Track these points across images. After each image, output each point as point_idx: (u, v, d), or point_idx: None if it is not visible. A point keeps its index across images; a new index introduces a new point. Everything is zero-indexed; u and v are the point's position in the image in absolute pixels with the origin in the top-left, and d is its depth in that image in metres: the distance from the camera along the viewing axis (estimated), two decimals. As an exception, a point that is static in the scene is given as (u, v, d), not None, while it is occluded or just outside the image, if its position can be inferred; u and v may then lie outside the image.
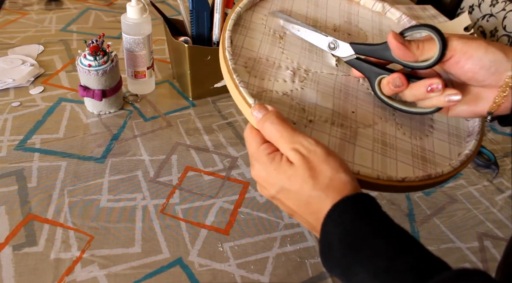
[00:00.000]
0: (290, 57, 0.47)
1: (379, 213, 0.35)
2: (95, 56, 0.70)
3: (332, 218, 0.34)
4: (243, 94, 0.40)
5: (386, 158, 0.42)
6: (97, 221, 0.58)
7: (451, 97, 0.40)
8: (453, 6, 1.43)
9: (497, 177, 0.75)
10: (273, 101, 0.43)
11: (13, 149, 0.68)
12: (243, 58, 0.45)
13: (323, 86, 0.46)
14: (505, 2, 1.24)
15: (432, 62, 0.40)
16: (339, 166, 0.36)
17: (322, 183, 0.36)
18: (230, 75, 0.41)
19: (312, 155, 0.36)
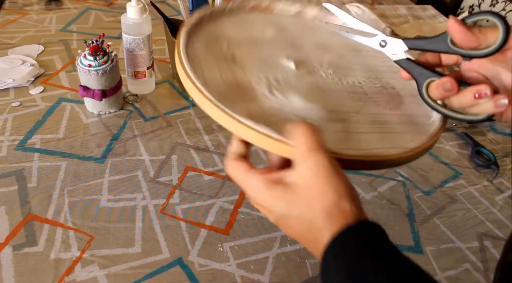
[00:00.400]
0: (254, 73, 0.45)
1: (383, 244, 0.33)
2: (95, 56, 0.70)
3: (332, 251, 0.32)
4: (252, 126, 0.37)
5: (389, 134, 0.43)
6: (97, 221, 0.58)
7: (499, 101, 0.37)
8: (453, 6, 1.44)
9: (497, 177, 0.75)
10: (268, 120, 0.40)
11: (13, 149, 0.68)
12: (214, 89, 0.42)
13: (299, 89, 0.45)
14: (505, 2, 1.24)
15: (494, 48, 0.37)
16: (344, 192, 0.34)
17: (323, 207, 0.33)
18: (214, 105, 0.38)
19: (322, 172, 0.34)
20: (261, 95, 0.42)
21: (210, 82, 0.41)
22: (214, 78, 0.42)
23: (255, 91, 0.42)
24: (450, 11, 1.42)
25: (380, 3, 1.31)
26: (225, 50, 0.47)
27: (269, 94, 0.43)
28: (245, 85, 0.43)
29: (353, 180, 0.70)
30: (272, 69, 0.46)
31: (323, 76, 0.48)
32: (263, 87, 0.43)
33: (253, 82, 0.44)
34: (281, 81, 0.45)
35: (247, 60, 0.47)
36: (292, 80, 0.46)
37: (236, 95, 0.41)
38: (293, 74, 0.47)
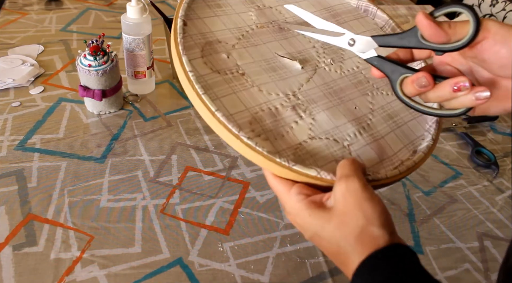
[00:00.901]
0: (272, 91, 0.45)
1: (415, 270, 0.32)
2: (95, 56, 0.70)
3: (362, 275, 0.32)
4: (300, 171, 0.38)
5: (403, 127, 0.46)
6: (97, 221, 0.58)
7: (479, 93, 0.36)
8: (453, 6, 1.43)
9: (497, 177, 0.75)
10: (312, 153, 0.41)
11: (13, 149, 0.68)
12: (243, 118, 0.42)
13: (319, 102, 0.46)
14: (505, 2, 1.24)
15: (465, 42, 0.36)
16: (375, 217, 0.34)
17: (352, 232, 0.33)
18: (252, 149, 0.38)
19: (352, 197, 0.34)
20: (293, 123, 0.43)
21: (238, 118, 0.40)
22: (239, 110, 0.41)
23: (285, 120, 0.43)
24: (450, 11, 1.41)
25: (380, 3, 1.31)
26: (227, 61, 0.46)
27: (299, 118, 0.43)
28: (272, 112, 0.43)
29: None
30: (283, 78, 0.47)
31: (326, 70, 0.49)
32: (289, 110, 0.44)
33: (278, 106, 0.44)
34: (299, 95, 0.46)
35: (254, 70, 0.46)
36: (307, 90, 0.47)
37: (270, 129, 0.41)
38: (303, 78, 0.48)
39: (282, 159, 0.38)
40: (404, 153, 0.45)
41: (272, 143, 0.40)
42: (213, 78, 0.43)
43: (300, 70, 0.48)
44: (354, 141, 0.44)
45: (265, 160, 0.38)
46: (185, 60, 0.42)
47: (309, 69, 0.49)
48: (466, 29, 0.36)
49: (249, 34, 0.50)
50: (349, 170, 0.36)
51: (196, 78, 0.41)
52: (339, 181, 0.36)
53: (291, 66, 0.48)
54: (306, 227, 0.37)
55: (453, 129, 0.84)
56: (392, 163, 0.43)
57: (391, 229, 0.34)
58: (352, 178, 0.35)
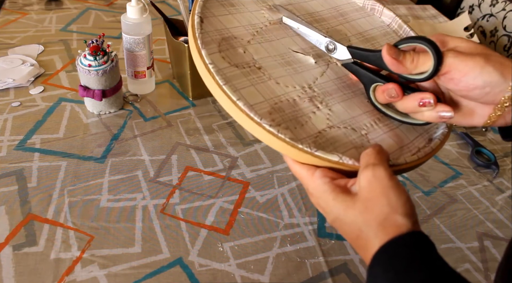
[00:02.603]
0: (289, 83, 0.46)
1: (434, 259, 0.32)
2: (95, 56, 0.70)
3: (381, 261, 0.33)
4: (322, 156, 0.39)
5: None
6: (97, 221, 0.58)
7: (442, 113, 0.39)
8: (453, 6, 1.43)
9: (497, 177, 0.75)
10: (331, 141, 0.42)
11: (13, 149, 0.68)
12: (263, 108, 0.43)
13: (334, 94, 0.47)
14: (505, 2, 1.24)
15: (426, 77, 0.39)
16: (399, 205, 0.34)
17: (375, 218, 0.34)
18: (274, 136, 0.39)
19: (378, 185, 0.35)
20: (311, 113, 0.44)
21: (258, 109, 0.41)
22: (259, 101, 0.42)
23: (303, 110, 0.44)
24: (450, 11, 1.41)
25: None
26: (244, 55, 0.47)
27: (316, 109, 0.44)
28: (290, 103, 0.44)
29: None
30: (298, 71, 0.48)
31: (338, 65, 0.51)
32: (306, 102, 0.45)
33: (295, 98, 0.45)
34: (315, 89, 0.47)
35: (270, 64, 0.47)
36: (322, 84, 0.48)
37: (290, 119, 0.42)
38: (317, 72, 0.49)
39: (304, 145, 0.39)
40: (420, 141, 0.45)
41: (292, 131, 0.41)
42: (231, 72, 0.44)
43: (313, 64, 0.49)
44: (371, 130, 0.45)
45: (288, 146, 0.39)
46: (204, 54, 0.43)
47: (322, 64, 0.50)
48: (429, 63, 0.39)
49: (263, 30, 0.51)
50: (375, 158, 0.37)
51: (216, 70, 0.42)
52: (366, 168, 0.36)
53: (305, 61, 0.49)
54: (328, 210, 0.37)
55: (453, 129, 0.84)
56: (410, 150, 0.44)
57: (414, 219, 0.34)
58: (379, 166, 0.36)
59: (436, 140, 0.45)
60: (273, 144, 0.40)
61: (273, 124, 0.40)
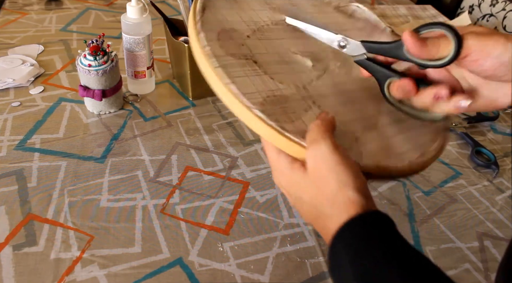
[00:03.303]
0: (283, 81, 0.46)
1: (394, 236, 0.33)
2: (95, 56, 0.70)
3: (342, 239, 0.33)
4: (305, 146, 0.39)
5: (414, 131, 0.46)
6: (97, 221, 0.58)
7: (460, 102, 0.38)
8: (453, 6, 1.43)
9: (497, 177, 0.75)
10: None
11: (13, 149, 0.68)
12: (254, 98, 0.42)
13: (328, 98, 0.46)
14: (505, 2, 1.24)
15: (447, 61, 0.38)
16: (349, 181, 0.34)
17: (327, 197, 0.34)
18: (279, 133, 0.39)
19: (323, 162, 0.34)
20: (302, 111, 0.43)
21: (250, 98, 0.41)
22: (252, 92, 0.42)
23: (294, 108, 0.43)
24: (450, 11, 1.41)
25: (380, 3, 1.31)
26: (242, 48, 0.47)
27: (308, 108, 0.44)
28: (282, 99, 0.43)
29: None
30: (294, 71, 0.47)
31: (336, 72, 0.50)
32: (299, 100, 0.44)
33: (288, 94, 0.44)
34: (309, 90, 0.46)
35: (267, 60, 0.47)
36: (317, 86, 0.47)
37: (280, 113, 0.42)
38: (313, 75, 0.48)
39: (292, 134, 0.38)
40: (412, 154, 0.44)
41: (282, 124, 0.40)
42: (227, 60, 0.44)
43: (310, 67, 0.49)
44: (361, 136, 0.44)
45: (276, 133, 0.38)
46: (202, 37, 0.43)
47: (320, 68, 0.49)
48: (449, 47, 0.38)
49: (264, 29, 0.51)
50: (316, 134, 0.36)
51: (212, 53, 0.42)
52: (309, 147, 0.36)
53: (302, 63, 0.49)
54: (289, 191, 0.37)
55: (453, 129, 0.84)
56: (401, 160, 0.43)
57: (366, 194, 0.34)
58: (320, 142, 0.35)
59: (429, 154, 0.44)
60: (261, 131, 0.39)
61: (263, 111, 0.39)
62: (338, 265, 0.33)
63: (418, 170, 0.43)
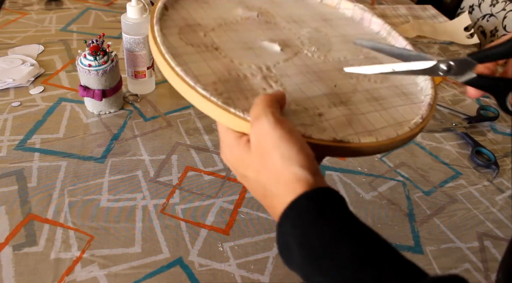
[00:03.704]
0: (244, 63, 0.44)
1: (343, 213, 0.31)
2: (95, 56, 0.70)
3: (289, 218, 0.31)
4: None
5: (390, 110, 0.44)
6: (97, 221, 0.58)
7: None
8: (453, 6, 1.43)
9: (497, 177, 0.75)
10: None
11: (13, 149, 0.68)
12: (208, 79, 0.41)
13: (294, 77, 0.45)
14: (505, 2, 1.24)
15: None
16: (292, 156, 0.32)
17: (272, 174, 0.32)
18: (223, 109, 0.38)
19: (265, 138, 0.32)
20: (260, 89, 0.42)
21: (203, 79, 0.40)
22: (205, 73, 0.41)
23: (252, 86, 0.42)
24: (450, 11, 1.41)
25: (380, 3, 1.31)
26: (203, 38, 0.46)
27: (268, 87, 0.42)
28: (240, 78, 0.42)
29: (353, 180, 0.70)
30: (259, 55, 0.46)
31: (309, 56, 0.49)
32: (258, 79, 0.43)
33: (247, 74, 0.43)
34: (273, 70, 0.45)
35: (230, 47, 0.46)
36: (283, 67, 0.45)
37: (234, 90, 0.40)
38: (281, 58, 0.47)
39: (237, 110, 0.37)
40: (387, 130, 0.41)
41: (233, 101, 0.39)
42: (185, 49, 0.43)
43: (279, 52, 0.47)
44: (327, 111, 0.42)
45: (219, 109, 0.37)
46: (156, 29, 0.43)
47: (289, 52, 0.48)
48: None
49: (232, 23, 0.50)
50: (259, 109, 0.34)
51: (162, 40, 0.42)
52: (252, 124, 0.34)
53: (270, 48, 0.48)
54: (235, 167, 0.36)
55: (453, 129, 0.84)
56: (370, 135, 0.40)
57: (313, 168, 0.32)
58: (263, 118, 0.33)
59: (406, 128, 0.41)
60: (205, 108, 0.38)
61: (209, 89, 0.38)
62: (287, 247, 0.31)
63: (386, 148, 0.40)
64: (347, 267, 0.28)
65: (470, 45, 1.16)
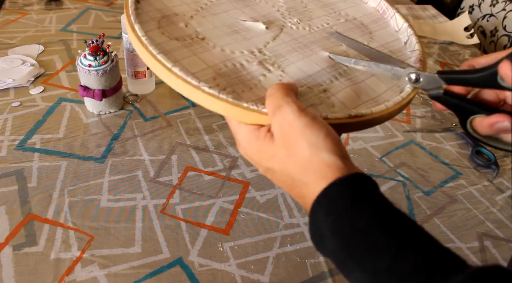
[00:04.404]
0: (236, 49, 0.43)
1: (377, 199, 0.31)
2: (95, 56, 0.70)
3: (322, 205, 0.30)
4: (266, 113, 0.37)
5: (387, 71, 0.44)
6: (97, 221, 0.58)
7: None
8: (453, 6, 1.44)
9: (497, 177, 0.75)
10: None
11: (13, 149, 0.68)
12: (206, 75, 0.40)
13: (288, 56, 0.44)
14: (505, 2, 1.24)
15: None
16: (320, 143, 0.31)
17: (299, 163, 0.31)
18: (234, 105, 0.37)
19: (290, 128, 0.32)
20: (261, 76, 0.41)
21: (201, 76, 0.39)
22: (201, 69, 0.40)
23: (252, 74, 0.41)
24: (450, 11, 1.42)
25: (380, 3, 1.31)
26: (186, 29, 0.45)
27: (267, 72, 0.42)
28: (238, 69, 0.41)
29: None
30: (247, 38, 0.45)
31: (294, 29, 0.48)
32: (255, 65, 0.42)
33: (243, 62, 0.42)
34: (265, 51, 0.44)
35: (215, 34, 0.45)
36: (274, 47, 0.45)
37: (236, 83, 0.40)
38: (269, 37, 0.46)
39: (250, 104, 0.36)
40: (389, 94, 0.42)
41: (239, 94, 0.38)
42: (171, 45, 0.42)
43: (265, 30, 0.47)
44: (330, 86, 0.41)
45: (231, 106, 0.36)
46: (137, 28, 0.41)
47: (275, 29, 0.48)
48: None
49: (208, 6, 0.49)
50: (278, 99, 0.34)
51: (150, 41, 0.40)
52: (273, 115, 0.33)
53: (255, 28, 0.47)
54: (257, 161, 0.35)
55: (453, 129, 0.84)
56: (378, 103, 0.40)
57: (342, 153, 0.32)
58: (285, 107, 0.33)
59: (407, 90, 0.41)
60: (216, 107, 0.37)
61: (213, 86, 0.37)
62: (320, 234, 0.31)
63: (395, 113, 0.40)
64: (382, 255, 0.28)
65: (470, 45, 1.17)
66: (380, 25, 0.53)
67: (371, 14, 0.54)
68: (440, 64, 1.06)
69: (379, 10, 0.55)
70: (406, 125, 0.84)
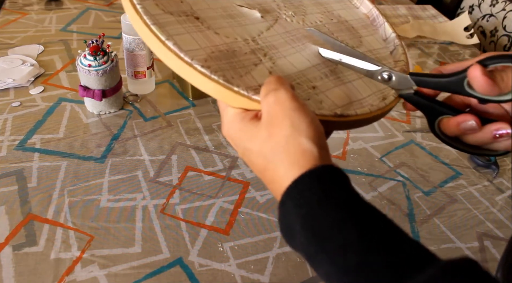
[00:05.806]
0: (229, 35, 0.43)
1: (349, 193, 0.31)
2: (95, 56, 0.70)
3: (292, 197, 0.30)
4: (257, 100, 0.36)
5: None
6: (97, 221, 0.58)
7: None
8: (453, 6, 1.44)
9: (497, 177, 0.75)
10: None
11: (13, 149, 0.68)
12: (197, 55, 0.39)
13: (280, 48, 0.44)
14: (505, 2, 1.24)
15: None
16: (303, 127, 0.31)
17: (278, 143, 0.31)
18: (225, 87, 0.37)
19: (279, 107, 0.32)
20: (252, 66, 0.40)
21: (193, 55, 0.38)
22: (194, 48, 0.39)
23: (243, 62, 0.40)
24: (450, 11, 1.42)
25: (380, 3, 1.31)
26: (181, 4, 0.44)
27: (258, 61, 0.41)
28: (230, 55, 0.41)
29: (353, 180, 0.70)
30: (242, 24, 0.45)
31: (288, 21, 0.48)
32: (248, 53, 0.41)
33: (236, 49, 0.41)
34: (258, 41, 0.44)
35: (210, 15, 0.44)
36: (267, 37, 0.45)
37: (227, 69, 0.39)
38: (263, 26, 0.46)
39: (241, 88, 0.36)
40: (373, 99, 0.42)
41: (229, 80, 0.38)
42: (165, 18, 0.41)
43: (259, 19, 0.47)
44: (320, 83, 0.42)
45: (222, 88, 0.36)
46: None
47: (270, 19, 0.47)
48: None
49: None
50: (275, 84, 0.34)
51: (145, 11, 0.39)
52: (266, 95, 0.34)
53: (250, 15, 0.47)
54: (237, 141, 0.35)
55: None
56: (362, 106, 0.41)
57: (321, 143, 0.32)
58: (279, 90, 0.33)
59: (390, 97, 0.42)
60: (205, 87, 0.37)
61: (205, 66, 0.36)
62: (289, 227, 0.31)
63: (378, 117, 0.41)
64: (353, 250, 0.28)
65: (470, 45, 1.17)
66: (369, 31, 0.53)
67: (361, 20, 0.55)
68: (440, 64, 1.06)
69: (370, 17, 0.56)
70: (406, 125, 0.84)
